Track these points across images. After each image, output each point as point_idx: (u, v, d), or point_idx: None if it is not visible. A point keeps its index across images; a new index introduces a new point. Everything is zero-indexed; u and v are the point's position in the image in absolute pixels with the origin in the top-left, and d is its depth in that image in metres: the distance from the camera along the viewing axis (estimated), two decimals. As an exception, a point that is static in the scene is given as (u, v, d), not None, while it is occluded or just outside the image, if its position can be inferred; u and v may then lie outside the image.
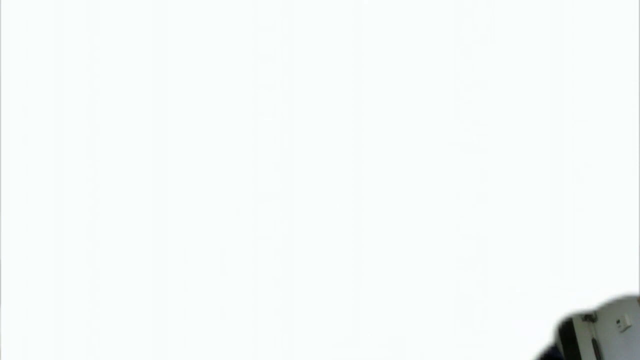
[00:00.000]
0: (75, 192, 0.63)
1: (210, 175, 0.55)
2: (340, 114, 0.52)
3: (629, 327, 3.13)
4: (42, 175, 0.65)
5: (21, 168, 0.65)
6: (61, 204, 0.65)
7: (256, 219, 0.58)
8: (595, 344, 3.47)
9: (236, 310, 0.56)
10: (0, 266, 0.66)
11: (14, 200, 0.67)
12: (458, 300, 0.51)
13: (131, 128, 0.63)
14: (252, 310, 0.56)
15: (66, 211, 0.65)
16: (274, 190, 0.55)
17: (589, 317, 3.51)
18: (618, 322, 3.22)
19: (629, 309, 3.13)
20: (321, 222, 0.56)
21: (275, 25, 0.52)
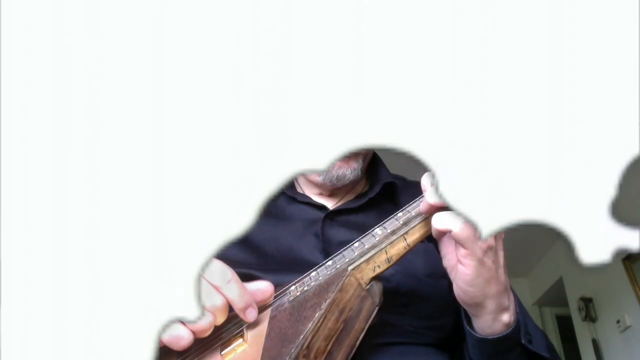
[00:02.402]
0: (74, 188, 0.62)
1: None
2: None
3: (629, 327, 3.13)
4: (42, 175, 0.64)
5: (21, 168, 0.65)
6: (61, 204, 0.64)
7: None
8: (595, 344, 3.47)
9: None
10: (0, 266, 0.66)
11: (14, 200, 0.66)
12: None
13: (130, 127, 0.62)
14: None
15: (66, 210, 0.64)
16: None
17: (589, 317, 3.51)
18: (618, 322, 3.21)
19: (629, 309, 3.13)
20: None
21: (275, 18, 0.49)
